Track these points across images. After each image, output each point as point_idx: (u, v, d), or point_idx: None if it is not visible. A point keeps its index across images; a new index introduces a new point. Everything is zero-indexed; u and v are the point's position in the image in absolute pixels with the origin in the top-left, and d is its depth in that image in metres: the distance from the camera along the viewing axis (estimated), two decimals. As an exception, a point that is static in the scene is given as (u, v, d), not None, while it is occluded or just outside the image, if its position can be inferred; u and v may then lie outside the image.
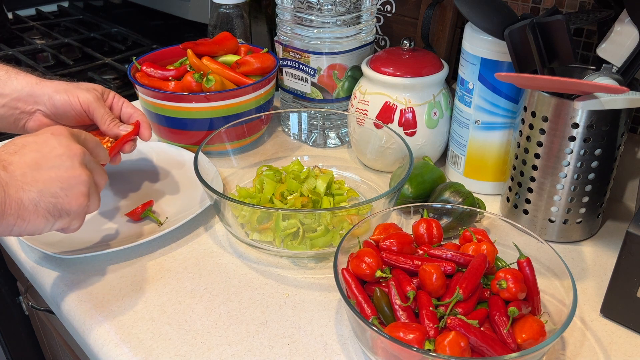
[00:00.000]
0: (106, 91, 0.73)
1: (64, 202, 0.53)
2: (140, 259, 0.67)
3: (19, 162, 0.52)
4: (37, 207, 0.52)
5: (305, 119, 0.91)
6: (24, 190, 0.51)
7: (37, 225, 0.53)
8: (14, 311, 1.17)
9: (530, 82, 0.62)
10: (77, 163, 0.55)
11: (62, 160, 0.54)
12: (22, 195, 0.51)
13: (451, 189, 0.71)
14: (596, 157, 0.63)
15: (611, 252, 0.69)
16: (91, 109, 0.68)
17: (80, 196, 0.54)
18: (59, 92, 0.67)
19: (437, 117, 0.80)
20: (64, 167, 0.54)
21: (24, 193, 0.51)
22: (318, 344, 0.56)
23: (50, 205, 0.53)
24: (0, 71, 0.68)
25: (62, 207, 0.53)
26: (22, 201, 0.51)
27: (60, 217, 0.54)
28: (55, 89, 0.68)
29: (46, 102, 0.67)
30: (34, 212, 0.52)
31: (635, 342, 0.57)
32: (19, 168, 0.52)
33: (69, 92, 0.68)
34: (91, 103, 0.68)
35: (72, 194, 0.54)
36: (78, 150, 0.55)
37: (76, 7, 1.72)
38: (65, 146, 0.55)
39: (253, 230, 0.67)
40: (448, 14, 0.87)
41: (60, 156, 0.54)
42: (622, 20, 0.62)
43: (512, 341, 0.49)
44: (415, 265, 0.55)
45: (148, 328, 0.58)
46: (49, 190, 0.52)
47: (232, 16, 0.98)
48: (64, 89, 0.68)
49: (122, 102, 0.73)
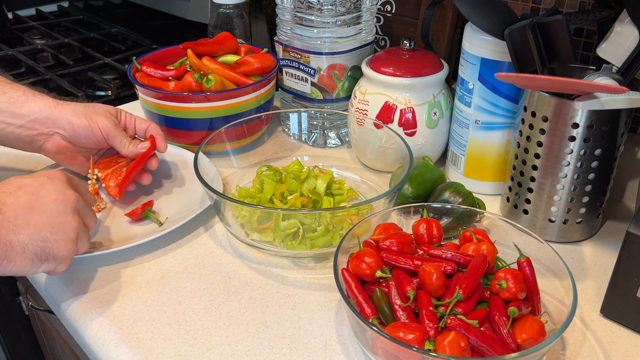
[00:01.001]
0: (119, 112, 0.76)
1: (52, 247, 0.54)
2: (140, 259, 0.67)
3: (13, 204, 0.53)
4: (25, 250, 0.52)
5: (305, 119, 0.91)
6: (14, 232, 0.52)
7: (22, 267, 0.53)
8: (14, 311, 1.17)
9: (530, 82, 0.62)
10: (69, 209, 0.56)
11: (56, 205, 0.55)
12: (12, 237, 0.51)
13: (451, 189, 0.71)
14: (596, 157, 0.63)
15: (611, 252, 0.69)
16: (110, 136, 0.72)
17: (68, 242, 0.55)
18: (79, 116, 0.71)
19: (437, 117, 0.80)
20: (56, 212, 0.55)
21: (14, 235, 0.52)
22: (318, 344, 0.56)
23: (39, 249, 0.53)
24: (17, 92, 0.71)
25: (50, 252, 0.54)
26: (11, 243, 0.51)
27: (47, 261, 0.54)
28: (75, 114, 0.71)
29: (66, 126, 0.70)
30: (22, 254, 0.52)
31: (635, 342, 0.57)
32: (12, 210, 0.52)
33: (88, 117, 0.71)
34: (110, 130, 0.72)
35: (61, 240, 0.55)
36: (72, 196, 0.57)
37: (76, 7, 1.72)
38: (60, 191, 0.56)
39: (253, 230, 0.67)
40: (448, 14, 0.87)
41: (54, 201, 0.55)
42: (622, 20, 0.62)
43: (512, 341, 0.49)
44: (415, 265, 0.55)
45: (148, 328, 0.58)
46: (39, 234, 0.53)
47: (232, 16, 0.98)
48: (83, 113, 0.71)
49: (135, 120, 0.77)
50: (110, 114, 0.74)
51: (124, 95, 1.12)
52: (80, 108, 0.71)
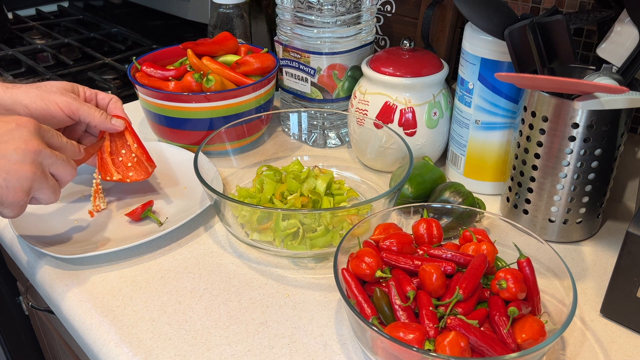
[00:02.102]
0: (75, 87, 0.71)
1: (2, 193, 0.55)
2: (140, 259, 0.67)
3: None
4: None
5: (305, 119, 0.91)
6: None
7: None
8: (14, 311, 1.17)
9: (530, 82, 0.62)
10: (28, 159, 0.55)
11: (16, 153, 0.55)
12: None
13: (451, 189, 0.71)
14: (596, 157, 0.63)
15: (611, 252, 0.69)
16: (74, 110, 0.67)
17: (19, 191, 0.55)
18: (34, 99, 0.66)
19: (437, 117, 0.80)
20: (14, 160, 0.55)
21: None
22: (318, 344, 0.56)
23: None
24: None
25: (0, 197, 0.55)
26: None
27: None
28: (28, 96, 0.66)
29: (21, 111, 0.66)
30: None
31: (635, 342, 0.57)
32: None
33: (44, 99, 0.66)
34: (71, 104, 0.67)
35: (12, 187, 0.55)
36: (35, 147, 0.56)
37: (76, 7, 1.73)
38: (23, 140, 0.55)
39: (253, 230, 0.67)
40: (448, 14, 0.87)
41: (15, 149, 0.55)
42: (622, 20, 0.62)
43: (512, 341, 0.49)
44: (415, 265, 0.55)
45: (148, 328, 0.58)
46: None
47: (232, 16, 0.99)
48: (37, 95, 0.66)
49: (96, 94, 0.73)
50: (66, 90, 0.69)
51: (124, 95, 1.12)
52: (33, 90, 0.67)
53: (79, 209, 0.75)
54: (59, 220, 0.73)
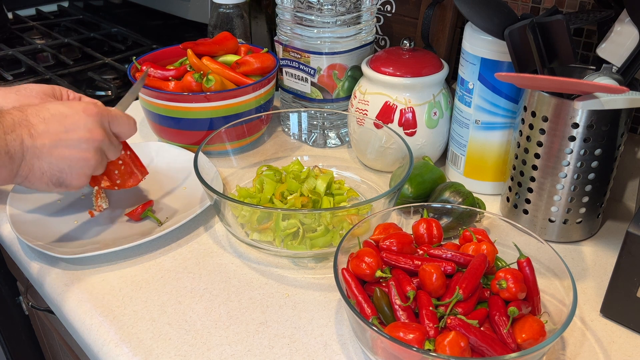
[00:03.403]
0: (56, 91, 0.71)
1: (66, 177, 0.60)
2: (140, 259, 0.67)
3: (44, 133, 0.57)
4: (43, 175, 0.58)
5: (305, 119, 0.91)
6: (38, 158, 0.57)
7: (38, 187, 0.59)
8: (14, 311, 1.17)
9: (530, 82, 0.62)
10: (92, 147, 0.60)
11: (81, 142, 0.59)
12: (34, 162, 0.57)
13: (451, 189, 0.71)
14: (596, 157, 0.63)
15: (611, 252, 0.69)
16: None
17: (82, 176, 0.61)
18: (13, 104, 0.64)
19: (437, 117, 0.80)
20: (78, 149, 0.59)
21: (37, 160, 0.57)
22: (318, 344, 0.56)
23: (54, 177, 0.59)
24: None
25: (64, 181, 0.60)
26: (34, 167, 0.57)
27: (60, 187, 0.61)
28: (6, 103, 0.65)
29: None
30: (39, 178, 0.58)
31: (635, 342, 0.57)
32: (42, 138, 0.57)
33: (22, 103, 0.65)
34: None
35: (76, 173, 0.60)
36: (99, 136, 0.60)
37: (76, 7, 1.72)
38: (88, 129, 0.60)
39: (253, 230, 0.67)
40: (448, 14, 0.87)
41: (80, 138, 0.59)
42: (622, 20, 0.62)
43: (512, 341, 0.49)
44: (415, 265, 0.55)
45: (148, 328, 0.58)
46: (58, 166, 0.58)
47: (232, 16, 0.99)
48: (16, 101, 0.66)
49: (79, 97, 0.73)
50: (45, 94, 0.69)
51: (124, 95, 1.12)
52: (11, 94, 0.67)
53: (79, 209, 0.75)
54: (59, 220, 0.73)
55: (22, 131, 0.56)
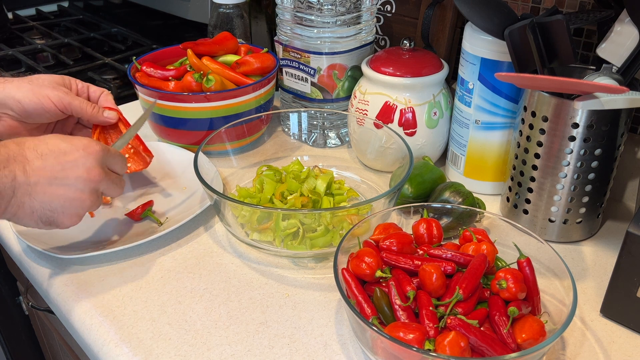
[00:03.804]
0: (66, 80, 0.71)
1: (57, 217, 0.56)
2: (140, 259, 0.67)
3: (39, 169, 0.54)
4: (33, 214, 0.55)
5: (305, 119, 0.91)
6: (30, 196, 0.54)
7: (25, 224, 0.56)
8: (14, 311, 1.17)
9: (530, 82, 0.62)
10: (88, 188, 0.57)
11: (78, 182, 0.56)
12: (26, 199, 0.54)
13: (451, 189, 0.71)
14: (596, 157, 0.63)
15: (611, 252, 0.69)
16: (65, 104, 0.67)
17: (74, 216, 0.58)
18: (26, 93, 0.66)
19: (437, 117, 0.80)
20: (74, 189, 0.56)
21: (28, 198, 0.54)
22: (318, 344, 0.56)
23: (45, 217, 0.56)
24: None
25: (54, 221, 0.57)
26: (24, 204, 0.54)
27: (49, 225, 0.57)
28: (21, 90, 0.66)
29: (14, 106, 0.66)
30: (29, 215, 0.55)
31: (635, 342, 0.57)
32: (36, 175, 0.54)
33: (36, 93, 0.66)
34: (64, 99, 0.67)
35: (68, 213, 0.57)
36: (97, 177, 0.57)
37: (76, 7, 1.72)
38: (87, 169, 0.57)
39: (253, 230, 0.67)
40: (448, 14, 0.87)
41: (77, 178, 0.56)
42: (622, 20, 0.62)
43: (512, 341, 0.49)
44: (415, 265, 0.55)
45: (148, 328, 0.58)
46: (50, 205, 0.55)
47: (232, 16, 0.99)
48: (29, 89, 0.66)
49: (88, 87, 0.73)
50: (57, 83, 0.69)
51: (124, 95, 1.12)
52: (25, 84, 0.66)
53: (79, 209, 0.75)
54: (59, 220, 0.73)
55: (16, 167, 0.53)
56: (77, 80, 0.73)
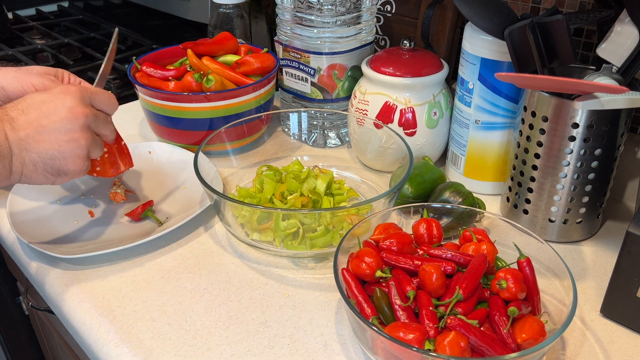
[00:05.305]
0: (59, 72, 0.71)
1: (61, 164, 0.57)
2: (140, 259, 0.67)
3: (25, 123, 0.55)
4: (37, 167, 0.56)
5: (305, 119, 0.91)
6: (27, 150, 0.55)
7: (38, 180, 0.57)
8: (14, 311, 1.17)
9: (530, 82, 0.62)
10: (77, 126, 0.57)
11: (64, 123, 0.56)
12: (24, 155, 0.55)
13: (451, 189, 0.71)
14: (596, 157, 0.63)
15: (611, 252, 0.69)
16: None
17: (77, 159, 0.57)
18: (10, 81, 0.65)
19: (437, 117, 0.80)
20: (64, 130, 0.56)
21: (26, 153, 0.55)
22: (318, 344, 0.56)
23: (48, 167, 0.56)
24: None
25: (60, 168, 0.57)
26: (24, 160, 0.55)
27: (59, 176, 0.57)
28: (6, 79, 0.65)
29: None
30: (34, 170, 0.56)
31: (635, 342, 0.57)
32: (24, 129, 0.55)
33: (20, 80, 0.66)
34: (47, 85, 0.66)
35: (69, 157, 0.57)
36: (81, 113, 0.57)
37: (76, 7, 1.72)
38: (69, 108, 0.57)
39: (253, 230, 0.67)
40: (448, 14, 0.87)
41: (62, 119, 0.56)
42: (622, 20, 0.62)
43: (512, 341, 0.49)
44: (415, 265, 0.55)
45: (148, 328, 0.58)
46: (47, 153, 0.56)
47: (232, 16, 0.99)
48: (14, 77, 0.66)
49: (80, 81, 0.72)
50: (46, 73, 0.68)
51: (124, 95, 1.12)
52: (11, 72, 0.66)
53: (79, 209, 0.75)
54: (59, 220, 0.73)
55: (4, 126, 0.54)
56: (71, 74, 0.73)
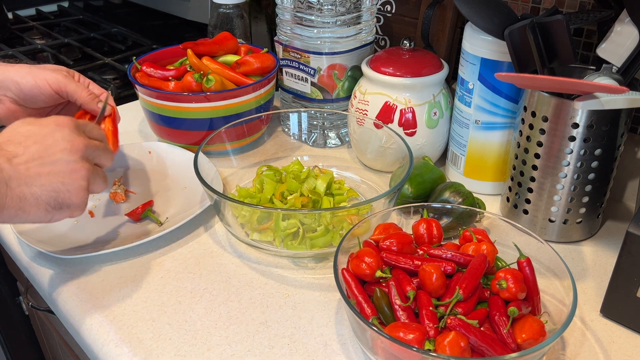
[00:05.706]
0: (71, 71, 0.72)
1: (64, 197, 0.55)
2: (140, 259, 0.67)
3: (24, 156, 0.53)
4: (39, 201, 0.53)
5: (305, 119, 0.91)
6: (27, 184, 0.53)
7: (38, 217, 0.54)
8: (14, 311, 1.17)
9: (530, 82, 0.62)
10: (78, 157, 0.56)
11: (64, 154, 0.55)
12: (24, 189, 0.52)
13: (451, 189, 0.71)
14: (596, 157, 0.63)
15: (611, 252, 0.69)
16: (62, 86, 0.68)
17: (80, 190, 0.56)
18: (24, 75, 0.66)
19: (437, 117, 0.80)
20: (65, 162, 0.55)
21: (26, 187, 0.53)
22: (318, 344, 0.56)
23: (52, 200, 0.54)
24: None
25: (63, 201, 0.55)
26: (24, 195, 0.52)
27: (61, 209, 0.55)
28: (19, 73, 0.67)
29: (12, 88, 0.67)
30: (35, 205, 0.53)
31: (635, 342, 0.57)
32: (24, 162, 0.53)
33: (34, 75, 0.67)
34: (60, 81, 0.68)
35: (72, 189, 0.55)
36: (80, 144, 0.56)
37: (76, 7, 1.72)
38: (68, 140, 0.56)
39: (253, 230, 0.67)
40: (448, 14, 0.87)
41: (63, 150, 0.55)
42: (622, 20, 0.62)
43: (512, 341, 0.49)
44: (415, 265, 0.55)
45: (148, 328, 0.58)
46: (51, 185, 0.54)
47: (232, 16, 0.99)
48: (28, 72, 0.67)
49: (89, 83, 0.73)
50: (59, 69, 0.70)
51: (124, 95, 1.12)
52: (25, 67, 0.67)
53: (79, 209, 0.75)
54: (59, 220, 0.73)
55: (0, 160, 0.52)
56: (82, 75, 0.73)
